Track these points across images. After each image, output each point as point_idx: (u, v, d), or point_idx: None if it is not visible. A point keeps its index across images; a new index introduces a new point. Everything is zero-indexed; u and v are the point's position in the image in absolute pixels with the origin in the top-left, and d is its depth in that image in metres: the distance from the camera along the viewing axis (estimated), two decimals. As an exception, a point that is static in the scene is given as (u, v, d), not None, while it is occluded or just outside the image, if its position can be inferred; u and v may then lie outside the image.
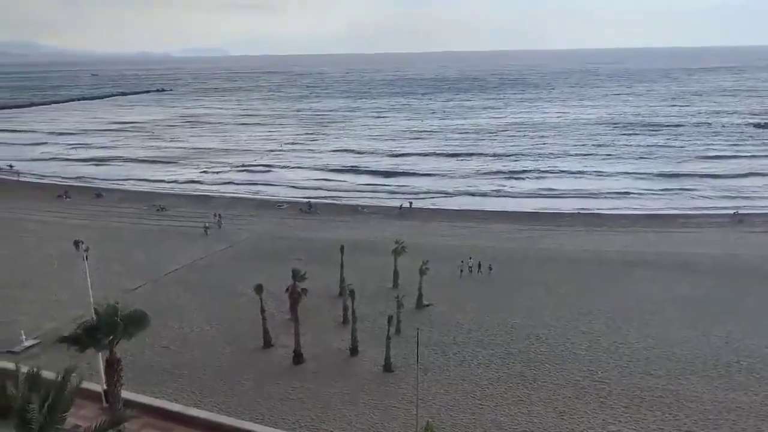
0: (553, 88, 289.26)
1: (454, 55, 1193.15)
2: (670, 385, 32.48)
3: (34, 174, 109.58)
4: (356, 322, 37.29)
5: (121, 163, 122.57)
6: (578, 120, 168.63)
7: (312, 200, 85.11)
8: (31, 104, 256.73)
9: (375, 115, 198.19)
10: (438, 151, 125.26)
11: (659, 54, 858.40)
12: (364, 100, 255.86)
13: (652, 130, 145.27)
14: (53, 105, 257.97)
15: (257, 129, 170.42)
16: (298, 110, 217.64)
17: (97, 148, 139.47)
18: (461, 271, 51.63)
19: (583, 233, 68.80)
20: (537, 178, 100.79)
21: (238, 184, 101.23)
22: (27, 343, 38.16)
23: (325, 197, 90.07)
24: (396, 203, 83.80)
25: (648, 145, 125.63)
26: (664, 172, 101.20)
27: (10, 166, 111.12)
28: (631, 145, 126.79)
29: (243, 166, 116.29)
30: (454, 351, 37.28)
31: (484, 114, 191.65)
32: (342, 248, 47.22)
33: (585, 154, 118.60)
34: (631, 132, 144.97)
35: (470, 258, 52.70)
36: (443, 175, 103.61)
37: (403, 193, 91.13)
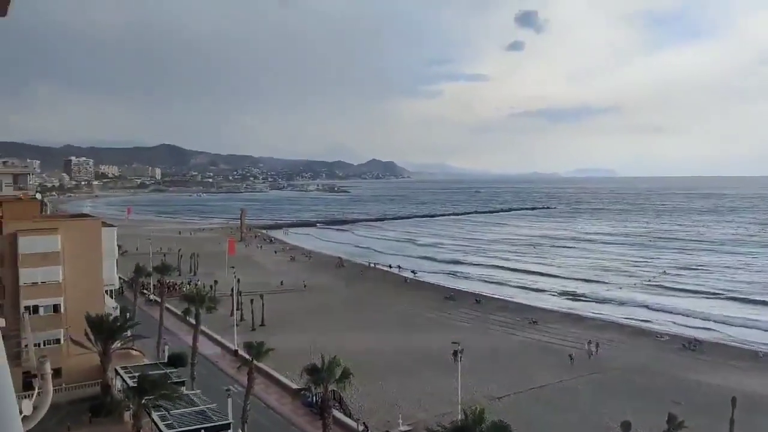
0: None
1: None
2: None
3: (424, 278, 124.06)
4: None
5: (497, 273, 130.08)
6: None
7: (695, 336, 75.07)
8: (435, 214, 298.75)
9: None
10: None
11: None
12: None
13: None
14: (449, 216, 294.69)
15: (636, 252, 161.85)
16: (687, 234, 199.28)
17: (474, 264, 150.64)
18: None
19: None
20: None
21: (613, 307, 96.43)
22: (402, 428, 42.50)
23: (712, 335, 78.38)
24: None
25: None
26: None
27: (399, 267, 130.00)
28: None
29: (620, 288, 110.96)
30: None
31: None
32: (734, 400, 39.81)
33: None
34: None
35: None
36: None
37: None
